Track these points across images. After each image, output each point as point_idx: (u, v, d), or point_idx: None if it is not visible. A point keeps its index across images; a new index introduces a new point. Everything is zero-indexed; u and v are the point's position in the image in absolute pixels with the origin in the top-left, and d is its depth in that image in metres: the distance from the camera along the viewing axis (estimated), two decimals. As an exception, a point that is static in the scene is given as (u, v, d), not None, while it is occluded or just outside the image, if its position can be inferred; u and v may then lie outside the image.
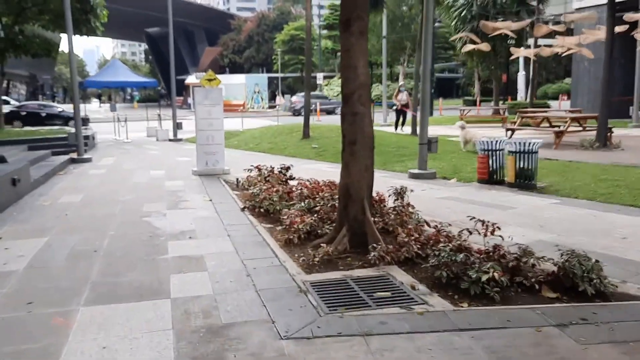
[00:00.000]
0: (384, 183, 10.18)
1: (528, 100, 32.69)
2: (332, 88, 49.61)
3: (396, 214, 5.98)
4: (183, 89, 60.53)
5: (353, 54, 5.49)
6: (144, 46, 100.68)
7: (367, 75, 5.58)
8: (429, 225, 6.26)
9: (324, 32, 55.65)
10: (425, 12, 10.72)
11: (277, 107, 39.88)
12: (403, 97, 19.46)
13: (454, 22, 26.68)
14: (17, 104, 30.67)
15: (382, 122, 26.65)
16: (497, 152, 9.94)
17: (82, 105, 33.68)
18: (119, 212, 7.73)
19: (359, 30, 5.47)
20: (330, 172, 11.81)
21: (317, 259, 5.21)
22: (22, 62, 55.76)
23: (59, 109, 29.27)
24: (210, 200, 8.60)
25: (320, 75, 45.52)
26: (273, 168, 9.05)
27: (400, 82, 21.85)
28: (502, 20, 21.41)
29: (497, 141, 10.00)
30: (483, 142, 10.06)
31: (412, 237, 5.41)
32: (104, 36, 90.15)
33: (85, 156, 14.43)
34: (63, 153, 15.87)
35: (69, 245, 5.94)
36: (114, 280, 4.77)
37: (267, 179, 8.69)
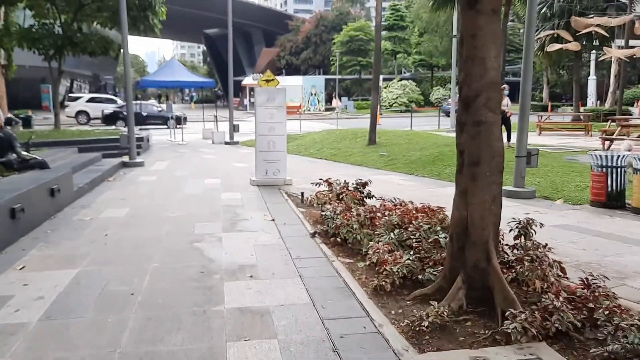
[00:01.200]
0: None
1: (607, 106, 29.98)
2: (391, 91, 47.84)
3: (530, 261, 4.40)
4: (239, 90, 60.29)
5: (481, 41, 3.98)
6: (202, 47, 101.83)
7: (498, 70, 4.06)
8: (564, 272, 4.68)
9: (384, 32, 53.86)
10: (528, 8, 9.04)
11: (336, 109, 38.54)
12: (508, 102, 15.36)
13: (531, 20, 24.55)
14: (121, 103, 30.80)
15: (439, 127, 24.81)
16: (618, 169, 8.15)
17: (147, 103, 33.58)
18: (166, 235, 6.49)
19: (491, 7, 3.96)
20: (405, 185, 10.30)
21: (425, 324, 3.74)
22: (85, 62, 56.89)
23: (158, 109, 29.16)
24: (273, 220, 7.26)
25: (379, 78, 43.82)
26: (347, 184, 7.60)
27: (503, 85, 18.52)
28: (593, 17, 19.23)
29: (617, 156, 8.21)
30: (599, 156, 8.30)
31: (561, 298, 3.84)
32: (163, 37, 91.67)
33: (137, 160, 13.47)
34: (116, 155, 15.05)
35: (101, 284, 4.69)
36: (151, 350, 3.45)
37: (341, 196, 7.27)
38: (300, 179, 10.89)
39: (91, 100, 32.49)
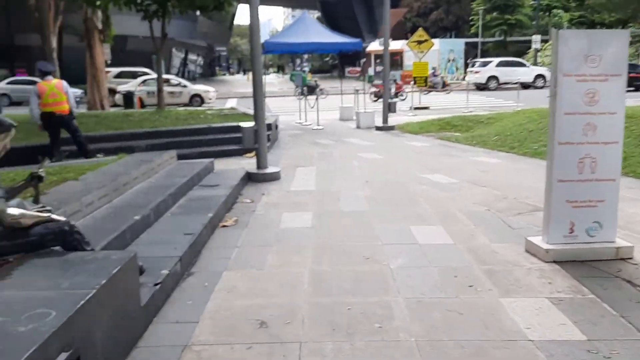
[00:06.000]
0: None
1: None
2: (547, 55, 39.29)
3: None
4: (357, 59, 54.69)
5: None
6: (316, 15, 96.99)
7: None
8: None
9: (534, -15, 44.94)
10: None
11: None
12: None
13: None
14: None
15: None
16: None
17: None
18: None
19: None
20: None
21: None
22: (200, 33, 53.86)
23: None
24: None
25: (537, 38, 35.58)
26: None
27: None
28: None
29: None
30: None
31: None
32: (274, 4, 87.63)
33: (270, 169, 8.10)
34: (233, 154, 10.02)
35: None
36: None
37: None
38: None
39: (500, 64, 30.45)
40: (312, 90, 25.14)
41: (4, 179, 5.37)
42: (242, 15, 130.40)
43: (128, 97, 19.40)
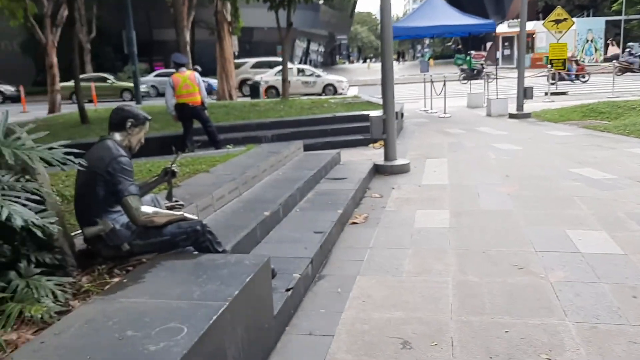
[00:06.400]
0: None
1: None
2: None
3: None
4: (483, 43, 52.08)
5: None
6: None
7: None
8: None
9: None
10: None
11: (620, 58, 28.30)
12: None
13: None
14: None
15: None
16: None
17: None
18: None
19: None
20: None
21: None
22: (322, 22, 54.36)
23: None
24: None
25: None
26: None
27: None
28: None
29: None
30: None
31: None
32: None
33: (399, 161, 7.63)
34: (356, 144, 9.74)
35: None
36: None
37: None
38: None
39: None
40: (478, 73, 24.14)
41: (141, 170, 5.47)
42: (362, 3, 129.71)
43: (254, 87, 19.86)
